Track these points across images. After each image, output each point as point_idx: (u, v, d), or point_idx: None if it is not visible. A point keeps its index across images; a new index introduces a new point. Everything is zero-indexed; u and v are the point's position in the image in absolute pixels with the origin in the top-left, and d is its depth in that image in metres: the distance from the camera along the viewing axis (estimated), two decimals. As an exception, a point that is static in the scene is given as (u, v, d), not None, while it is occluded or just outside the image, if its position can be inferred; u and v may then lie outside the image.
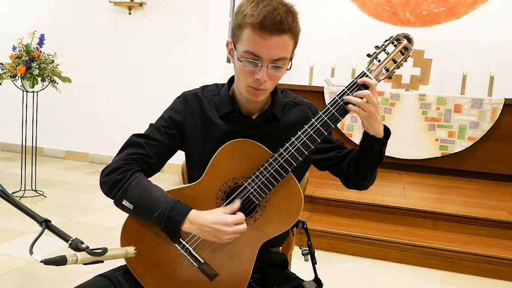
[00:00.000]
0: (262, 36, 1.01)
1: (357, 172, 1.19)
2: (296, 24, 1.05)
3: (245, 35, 1.03)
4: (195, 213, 1.05)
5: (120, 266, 1.16)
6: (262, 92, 1.09)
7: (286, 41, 1.03)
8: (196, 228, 1.03)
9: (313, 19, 5.68)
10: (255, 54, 1.03)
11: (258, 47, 1.02)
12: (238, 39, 1.06)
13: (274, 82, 1.10)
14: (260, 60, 1.03)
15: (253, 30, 1.02)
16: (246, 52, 1.04)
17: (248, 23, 1.02)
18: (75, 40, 5.19)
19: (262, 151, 1.09)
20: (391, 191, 3.67)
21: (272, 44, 1.02)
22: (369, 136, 1.12)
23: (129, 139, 1.17)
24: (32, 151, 3.78)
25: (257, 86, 1.06)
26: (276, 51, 1.03)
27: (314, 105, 1.27)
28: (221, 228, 1.02)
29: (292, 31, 1.04)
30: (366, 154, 1.15)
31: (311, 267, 1.24)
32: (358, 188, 1.25)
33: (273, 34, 1.01)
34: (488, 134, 4.44)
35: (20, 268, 2.37)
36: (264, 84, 1.06)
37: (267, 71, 1.05)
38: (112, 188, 1.10)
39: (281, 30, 1.01)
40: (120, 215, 1.10)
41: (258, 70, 1.04)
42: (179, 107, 1.19)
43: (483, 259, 2.68)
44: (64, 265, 0.78)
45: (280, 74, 1.08)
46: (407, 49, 1.11)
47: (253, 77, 1.05)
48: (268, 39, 1.01)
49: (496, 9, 5.18)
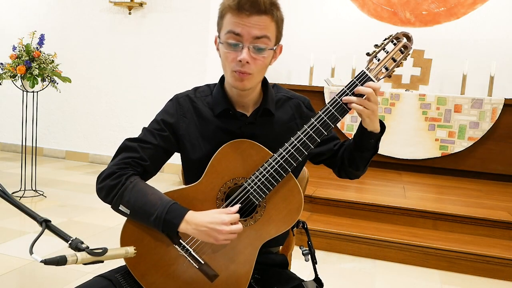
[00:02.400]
0: (240, 16, 1.04)
1: (351, 164, 1.22)
2: (275, 9, 1.07)
3: (226, 20, 1.07)
4: (191, 214, 1.05)
5: (120, 267, 1.16)
6: (247, 76, 1.08)
7: (266, 21, 1.05)
8: (193, 229, 1.03)
9: (313, 19, 5.67)
10: (234, 32, 1.05)
11: (237, 26, 1.04)
12: (221, 28, 1.09)
13: (258, 67, 1.09)
14: (241, 40, 1.05)
15: (232, 12, 1.05)
16: (227, 34, 1.06)
17: (227, 8, 1.06)
18: (75, 40, 5.18)
19: (261, 151, 1.09)
20: (391, 191, 3.67)
21: (251, 23, 1.04)
22: (366, 131, 1.13)
23: (122, 144, 1.16)
24: (32, 151, 3.78)
25: (240, 68, 1.06)
26: (255, 29, 1.04)
27: (307, 99, 1.28)
28: (218, 228, 1.02)
29: (271, 13, 1.05)
30: (361, 147, 1.17)
31: (311, 267, 1.24)
32: (349, 177, 1.29)
33: (251, 13, 1.03)
34: (488, 134, 4.44)
35: (20, 268, 2.37)
36: (247, 66, 1.06)
37: (249, 52, 1.05)
38: (108, 194, 1.10)
39: (258, 10, 1.03)
40: (120, 216, 1.10)
41: (240, 52, 1.05)
42: (172, 109, 1.19)
43: (483, 259, 2.68)
44: (64, 265, 0.78)
45: (264, 58, 1.08)
46: (407, 48, 1.11)
47: (236, 60, 1.06)
48: (247, 18, 1.04)
49: (496, 9, 5.17)
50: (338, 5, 5.65)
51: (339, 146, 1.27)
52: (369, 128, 1.12)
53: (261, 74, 1.13)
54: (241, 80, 1.08)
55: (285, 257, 1.30)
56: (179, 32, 4.83)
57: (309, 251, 1.23)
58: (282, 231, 1.10)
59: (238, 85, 1.10)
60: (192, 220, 1.03)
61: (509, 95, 4.80)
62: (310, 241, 1.25)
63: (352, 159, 1.20)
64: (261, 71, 1.11)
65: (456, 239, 2.89)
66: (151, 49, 4.94)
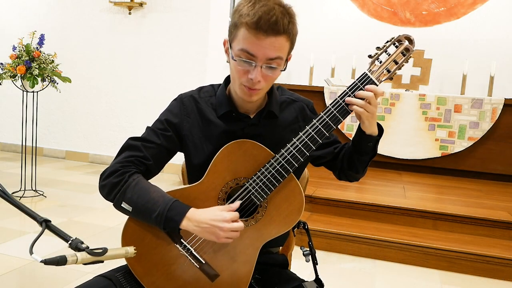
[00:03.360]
0: (257, 36, 1.01)
1: (350, 167, 1.22)
2: (292, 26, 1.04)
3: (241, 34, 1.04)
4: (193, 211, 1.05)
5: (120, 266, 1.16)
6: (256, 92, 1.08)
7: (282, 42, 1.03)
8: (194, 226, 1.03)
9: (313, 19, 5.68)
10: (249, 52, 1.03)
11: (253, 46, 1.02)
12: (234, 38, 1.06)
13: (268, 83, 1.09)
14: (255, 60, 1.03)
15: (248, 29, 1.02)
16: (241, 51, 1.04)
17: (243, 23, 1.02)
18: (75, 40, 5.18)
19: (263, 152, 1.09)
20: (391, 191, 3.67)
21: (267, 45, 1.02)
22: (364, 135, 1.13)
23: (125, 143, 1.16)
24: (32, 151, 3.78)
25: (250, 85, 1.06)
26: (270, 51, 1.02)
27: (310, 102, 1.28)
28: (219, 225, 1.01)
29: (288, 32, 1.03)
30: (360, 150, 1.17)
31: (311, 267, 1.24)
32: (349, 180, 1.29)
33: (268, 35, 1.01)
34: (488, 134, 4.44)
35: (20, 268, 2.37)
36: (257, 84, 1.06)
37: (261, 71, 1.04)
38: (110, 191, 1.10)
39: (276, 31, 1.00)
40: (120, 215, 1.10)
41: (252, 70, 1.04)
42: (176, 109, 1.19)
43: (483, 259, 2.68)
44: (64, 265, 0.78)
45: (274, 75, 1.08)
46: (408, 50, 1.11)
47: (247, 76, 1.05)
48: (263, 40, 1.01)
49: (496, 9, 5.17)
50: (338, 5, 5.66)
51: (339, 149, 1.27)
52: (367, 131, 1.12)
53: (269, 86, 1.13)
54: (249, 95, 1.09)
55: (285, 258, 1.31)
56: (179, 32, 4.83)
57: (310, 252, 1.23)
58: (283, 231, 1.11)
59: (246, 98, 1.11)
60: (194, 217, 1.04)
61: (509, 95, 4.80)
62: (311, 241, 1.25)
63: (352, 162, 1.21)
64: (269, 85, 1.12)
65: (456, 239, 2.89)
66: (151, 49, 4.94)
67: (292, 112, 1.23)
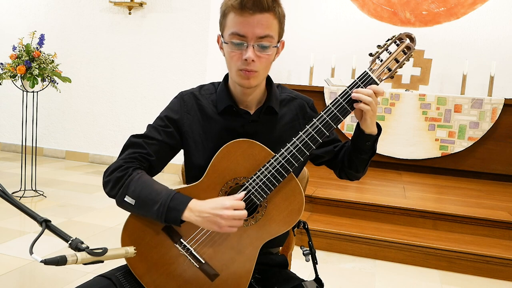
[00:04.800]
0: (243, 15, 1.05)
1: (351, 166, 1.23)
2: (277, 5, 1.08)
3: (229, 20, 1.08)
4: (195, 202, 1.05)
5: (120, 266, 1.16)
6: (253, 74, 1.09)
7: (269, 19, 1.06)
8: (196, 216, 1.03)
9: (313, 19, 5.67)
10: (239, 34, 1.06)
11: (241, 26, 1.06)
12: (224, 27, 1.10)
13: (263, 65, 1.10)
14: (246, 40, 1.06)
15: (235, 11, 1.06)
16: (231, 35, 1.07)
17: (229, 7, 1.07)
18: (75, 40, 5.18)
19: (263, 151, 1.09)
20: (391, 191, 3.67)
21: (254, 22, 1.05)
22: (363, 134, 1.14)
23: (127, 141, 1.18)
24: (32, 151, 3.78)
25: (246, 67, 1.08)
26: (259, 29, 1.05)
27: (311, 99, 1.29)
28: (219, 212, 1.01)
29: (274, 10, 1.07)
30: (359, 150, 1.18)
31: (311, 267, 1.24)
32: (350, 179, 1.30)
33: (254, 12, 1.04)
34: (488, 134, 4.44)
35: (20, 268, 2.36)
36: (252, 64, 1.07)
37: (254, 50, 1.06)
38: (114, 185, 1.10)
39: (261, 8, 1.04)
40: (120, 215, 1.10)
41: (245, 51, 1.07)
42: (176, 106, 1.20)
43: (483, 259, 2.68)
44: (64, 265, 0.78)
45: (268, 55, 1.09)
46: (410, 49, 1.11)
47: (241, 59, 1.07)
48: (250, 17, 1.05)
49: (496, 9, 5.17)
50: (338, 5, 5.65)
51: (339, 148, 1.28)
52: (367, 130, 1.13)
53: (266, 71, 1.14)
54: (247, 78, 1.10)
55: (285, 258, 1.31)
56: (179, 32, 4.83)
57: (310, 251, 1.23)
58: (283, 231, 1.10)
59: (245, 83, 1.11)
60: (196, 207, 1.04)
61: (509, 95, 4.80)
62: (311, 241, 1.25)
63: (351, 161, 1.22)
64: (266, 68, 1.12)
65: (456, 239, 2.89)
66: (151, 49, 4.94)
67: (292, 109, 1.24)
